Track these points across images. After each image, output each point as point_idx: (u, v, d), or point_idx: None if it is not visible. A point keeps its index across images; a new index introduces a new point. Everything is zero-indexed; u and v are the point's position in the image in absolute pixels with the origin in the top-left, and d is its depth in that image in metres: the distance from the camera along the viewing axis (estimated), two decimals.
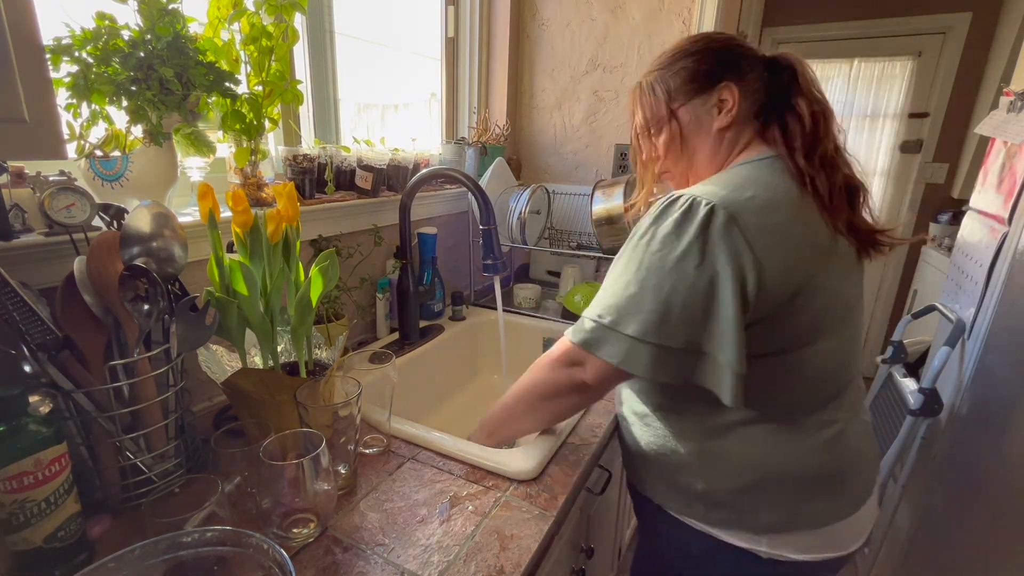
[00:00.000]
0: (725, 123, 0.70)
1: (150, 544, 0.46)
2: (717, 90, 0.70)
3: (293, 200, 0.74)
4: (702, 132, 0.72)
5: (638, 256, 0.62)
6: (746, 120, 0.70)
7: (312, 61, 1.16)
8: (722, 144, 0.72)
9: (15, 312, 0.56)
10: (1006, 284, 1.14)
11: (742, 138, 0.71)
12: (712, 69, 0.70)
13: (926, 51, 2.70)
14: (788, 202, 0.62)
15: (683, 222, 0.60)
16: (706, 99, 0.71)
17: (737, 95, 0.69)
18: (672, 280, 0.59)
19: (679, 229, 0.60)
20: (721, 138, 0.71)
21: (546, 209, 1.53)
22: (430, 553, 0.59)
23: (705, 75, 0.71)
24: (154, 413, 0.65)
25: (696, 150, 0.74)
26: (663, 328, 0.60)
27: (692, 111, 0.72)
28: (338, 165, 1.10)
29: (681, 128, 0.73)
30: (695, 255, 0.58)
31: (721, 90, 0.70)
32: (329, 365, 0.81)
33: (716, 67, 0.70)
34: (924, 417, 1.29)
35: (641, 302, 0.61)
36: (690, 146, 0.74)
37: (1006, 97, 1.30)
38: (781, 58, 0.71)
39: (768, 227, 0.59)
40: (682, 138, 0.74)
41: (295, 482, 0.58)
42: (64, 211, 0.67)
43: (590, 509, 0.97)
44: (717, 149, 0.72)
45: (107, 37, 0.70)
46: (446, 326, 1.29)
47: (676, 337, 0.60)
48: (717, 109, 0.71)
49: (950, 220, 2.53)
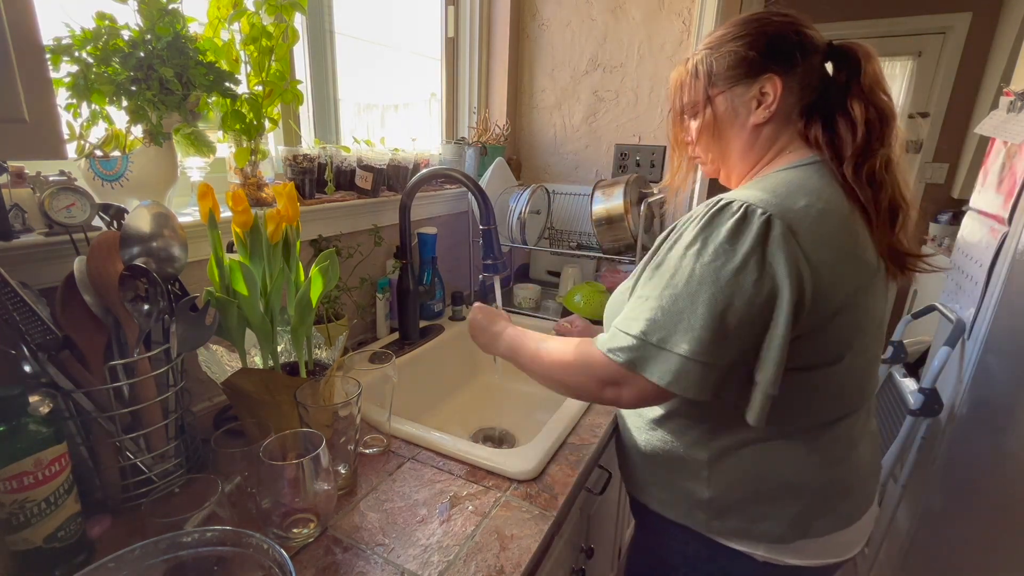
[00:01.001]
0: (762, 119, 0.65)
1: (150, 544, 0.46)
2: (760, 81, 0.64)
3: (293, 200, 0.74)
4: (737, 124, 0.67)
5: (687, 266, 0.56)
6: (788, 117, 0.65)
7: (312, 61, 1.16)
8: (757, 140, 0.67)
9: (15, 312, 0.56)
10: (1006, 284, 1.14)
11: (781, 137, 0.66)
12: (759, 57, 0.63)
13: (926, 51, 2.70)
14: (840, 214, 0.59)
15: (738, 232, 0.55)
16: (746, 89, 0.65)
17: (780, 90, 0.63)
18: (728, 294, 0.54)
19: (734, 239, 0.55)
20: (757, 134, 0.66)
21: (546, 209, 1.53)
22: (430, 553, 0.59)
23: (750, 63, 0.64)
24: (154, 413, 0.65)
25: (729, 142, 0.69)
26: (717, 346, 0.55)
27: (729, 100, 0.66)
28: (338, 165, 1.10)
29: (716, 117, 0.68)
30: (754, 268, 0.54)
31: (764, 82, 0.64)
32: (329, 365, 0.81)
33: (764, 55, 0.63)
34: (924, 417, 1.29)
35: (693, 317, 0.55)
36: (723, 137, 0.69)
37: (1006, 97, 1.30)
38: (847, 48, 0.63)
39: (823, 239, 0.56)
40: (716, 127, 0.69)
41: (295, 482, 0.58)
42: (64, 211, 0.67)
43: (590, 509, 0.97)
44: (751, 145, 0.67)
45: (107, 37, 0.70)
46: (446, 326, 1.29)
47: (728, 355, 0.56)
48: (756, 102, 0.65)
49: (950, 220, 2.53)
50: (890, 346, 1.59)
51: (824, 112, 0.64)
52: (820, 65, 0.64)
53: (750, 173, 0.69)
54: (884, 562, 1.50)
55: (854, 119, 0.61)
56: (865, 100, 0.61)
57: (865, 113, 0.61)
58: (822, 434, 0.64)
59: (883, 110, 0.61)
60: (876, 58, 0.62)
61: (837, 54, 0.64)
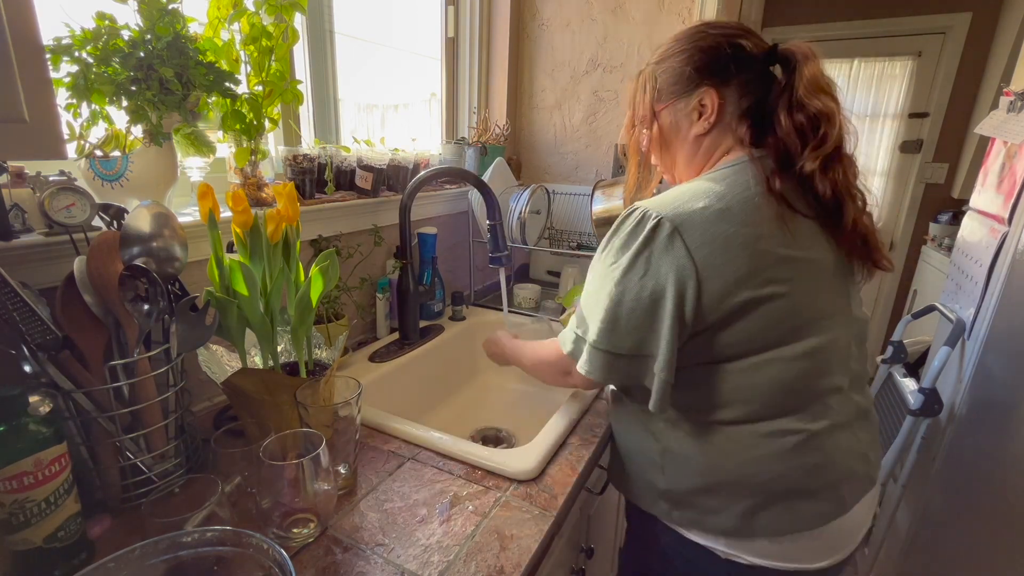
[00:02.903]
0: (702, 130, 0.69)
1: (150, 544, 0.46)
2: (697, 94, 0.68)
3: (293, 200, 0.74)
4: (680, 136, 0.72)
5: (598, 268, 0.67)
6: (729, 124, 0.68)
7: (312, 61, 1.16)
8: (699, 150, 0.71)
9: (15, 312, 0.56)
10: (1006, 284, 1.14)
11: (723, 143, 0.69)
12: (696, 71, 0.68)
13: (926, 51, 2.70)
14: (742, 211, 0.61)
15: (631, 235, 0.62)
16: (687, 103, 0.69)
17: (716, 101, 0.67)
18: (620, 291, 0.62)
19: (628, 242, 0.63)
20: (699, 143, 0.71)
21: (546, 209, 1.53)
22: (430, 553, 0.59)
23: (688, 78, 0.68)
24: (154, 413, 0.65)
25: (676, 152, 0.74)
26: (613, 335, 0.64)
27: (672, 114, 0.71)
28: (338, 165, 1.10)
29: (661, 130, 0.73)
30: (640, 267, 0.61)
31: (702, 95, 0.68)
32: (329, 365, 0.81)
33: (700, 69, 0.68)
34: (924, 417, 1.29)
35: (596, 311, 0.65)
36: (670, 148, 0.74)
37: (1006, 97, 1.30)
38: (782, 51, 0.67)
39: (715, 237, 0.59)
40: (662, 139, 0.74)
41: (295, 482, 0.58)
42: (64, 211, 0.67)
43: (590, 509, 0.97)
44: (694, 154, 0.72)
45: (107, 37, 0.70)
46: (446, 326, 1.29)
47: (623, 344, 0.64)
48: (697, 114, 0.69)
49: (950, 220, 2.53)
50: (890, 346, 1.59)
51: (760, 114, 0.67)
52: (763, 71, 0.68)
53: None
54: (884, 562, 1.50)
55: (781, 119, 0.64)
56: (793, 105, 0.63)
57: (791, 118, 0.63)
58: (761, 428, 0.64)
59: (817, 113, 0.63)
60: (814, 59, 0.64)
61: (779, 58, 0.67)
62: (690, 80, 0.68)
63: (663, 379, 0.62)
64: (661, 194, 0.66)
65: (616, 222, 0.65)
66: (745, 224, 0.61)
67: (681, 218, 0.60)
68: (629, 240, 0.62)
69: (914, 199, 2.85)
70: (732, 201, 0.62)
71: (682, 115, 0.71)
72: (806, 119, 0.63)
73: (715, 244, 0.59)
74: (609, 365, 0.65)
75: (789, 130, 0.63)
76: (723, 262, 0.59)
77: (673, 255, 0.59)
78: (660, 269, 0.60)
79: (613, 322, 0.63)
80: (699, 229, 0.60)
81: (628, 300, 0.62)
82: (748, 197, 0.62)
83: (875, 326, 3.08)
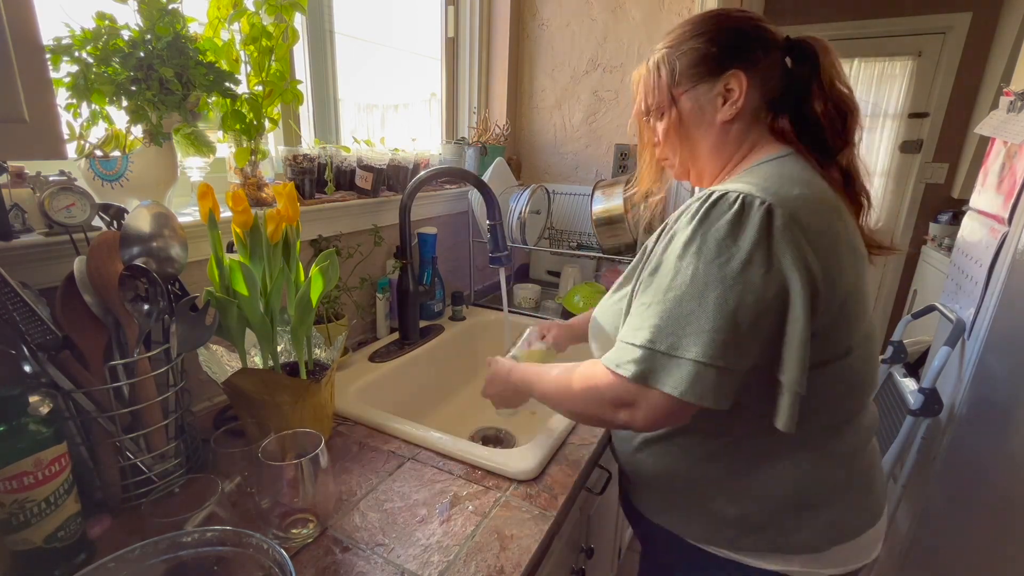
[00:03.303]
0: (729, 115, 0.63)
1: (150, 544, 0.46)
2: (724, 78, 0.63)
3: (293, 200, 0.74)
4: (704, 123, 0.66)
5: (688, 266, 0.53)
6: (755, 113, 0.64)
7: (312, 61, 1.16)
8: (727, 138, 0.65)
9: (15, 312, 0.56)
10: (1006, 284, 1.14)
11: (751, 133, 0.65)
12: (721, 53, 0.63)
13: (926, 51, 2.70)
14: (831, 202, 0.58)
15: (739, 224, 0.52)
16: (711, 87, 0.64)
17: (745, 85, 0.62)
18: (738, 292, 0.51)
19: (735, 232, 0.52)
20: (726, 131, 0.65)
21: (546, 209, 1.53)
22: (430, 553, 0.59)
23: (713, 59, 0.63)
24: (154, 413, 0.65)
25: (698, 142, 0.67)
26: (732, 348, 0.51)
27: (695, 99, 0.65)
28: (338, 165, 1.10)
29: (682, 116, 0.66)
30: (761, 261, 0.51)
31: (728, 78, 0.62)
32: (329, 365, 0.81)
33: (726, 51, 0.63)
34: (924, 417, 1.29)
35: (702, 319, 0.51)
36: (691, 137, 0.67)
37: (1006, 97, 1.30)
38: (804, 43, 0.63)
39: (822, 227, 0.54)
40: (682, 127, 0.67)
41: (294, 482, 0.58)
42: (64, 211, 0.67)
43: (590, 509, 0.97)
44: (722, 143, 0.66)
45: (107, 37, 0.70)
46: (446, 326, 1.29)
47: (745, 357, 0.52)
48: (722, 99, 0.63)
49: (950, 220, 2.53)
50: (890, 346, 1.59)
51: (790, 106, 0.63)
52: (781, 60, 0.64)
53: (722, 172, 0.68)
54: (884, 562, 1.50)
55: (815, 109, 0.61)
56: (827, 91, 0.61)
57: (825, 104, 0.61)
58: (838, 432, 0.62)
59: (843, 103, 0.61)
60: (833, 51, 0.62)
61: (795, 49, 0.63)
62: (715, 61, 0.63)
63: (795, 391, 0.53)
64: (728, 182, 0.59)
65: (697, 207, 0.55)
66: (836, 214, 0.57)
67: (789, 204, 0.52)
68: (735, 229, 0.52)
69: (914, 199, 2.85)
70: (818, 191, 0.57)
71: (706, 100, 0.64)
72: (835, 108, 0.61)
73: (824, 233, 0.54)
74: (721, 385, 0.52)
75: (824, 122, 0.61)
76: (834, 253, 0.54)
77: (796, 245, 0.51)
78: (785, 262, 0.51)
79: (733, 331, 0.51)
80: (808, 217, 0.53)
81: (751, 302, 0.51)
82: (823, 187, 0.59)
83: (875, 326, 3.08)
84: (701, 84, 0.64)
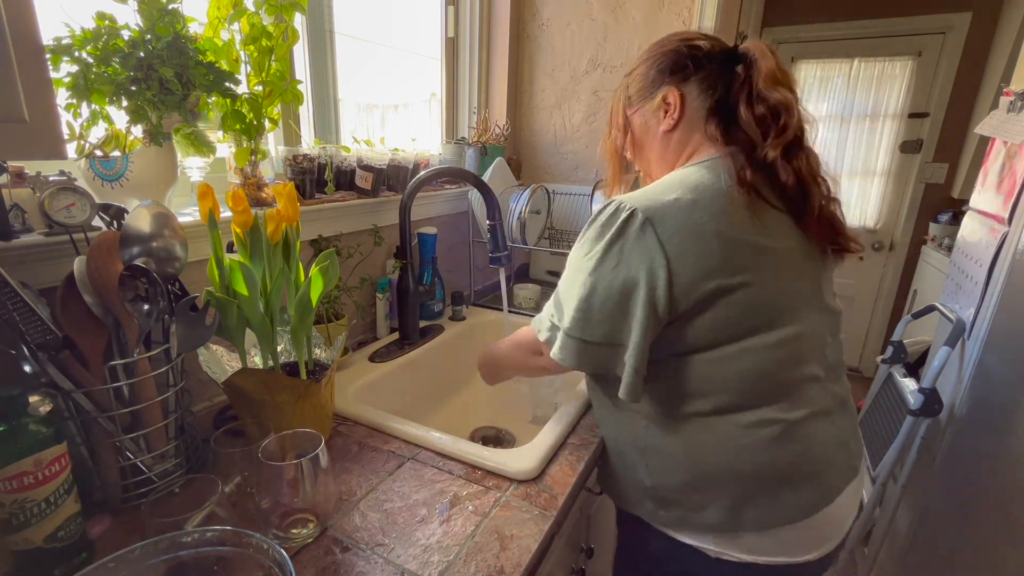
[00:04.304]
0: (668, 126, 0.73)
1: (150, 544, 0.46)
2: (660, 94, 0.73)
3: (293, 200, 0.74)
4: (650, 136, 0.76)
5: (573, 258, 0.69)
6: (696, 121, 0.72)
7: (312, 61, 1.16)
8: (669, 146, 0.74)
9: (15, 312, 0.56)
10: (1006, 284, 1.14)
11: (691, 139, 0.72)
12: (657, 73, 0.73)
13: (926, 51, 2.70)
14: (714, 202, 0.63)
15: (605, 226, 0.64)
16: (652, 103, 0.74)
17: (677, 98, 0.71)
18: (593, 280, 0.64)
19: (601, 232, 0.64)
20: (668, 140, 0.74)
21: (546, 209, 1.53)
22: (430, 553, 0.59)
23: (652, 80, 0.74)
24: (154, 413, 0.65)
25: (649, 152, 0.78)
26: (585, 324, 0.65)
27: (642, 116, 0.76)
28: (338, 165, 1.10)
29: (634, 133, 0.79)
30: (613, 256, 0.63)
31: (664, 93, 0.72)
32: (329, 365, 0.81)
33: (662, 71, 0.73)
34: (924, 417, 1.29)
35: (570, 300, 0.66)
36: (644, 148, 0.78)
37: (1006, 97, 1.30)
38: (740, 50, 0.70)
39: (686, 227, 0.61)
40: (635, 142, 0.79)
41: (294, 482, 0.58)
42: (64, 211, 0.67)
43: (590, 509, 0.97)
44: (665, 151, 0.75)
45: (107, 37, 0.70)
46: (446, 326, 1.29)
47: (595, 333, 0.65)
48: (662, 112, 0.73)
49: (950, 220, 2.53)
50: (890, 346, 1.59)
51: (727, 112, 0.70)
52: (721, 70, 0.70)
53: None
54: (884, 562, 1.50)
55: (742, 112, 0.67)
56: (753, 98, 0.67)
57: (751, 110, 0.67)
58: (740, 418, 0.65)
59: (775, 104, 0.66)
60: (770, 55, 0.68)
61: (738, 57, 0.70)
62: (654, 82, 0.74)
63: (633, 367, 0.63)
64: (639, 189, 0.68)
65: (592, 214, 0.67)
66: (716, 214, 0.62)
67: (653, 209, 0.62)
68: (603, 231, 0.64)
69: (914, 199, 2.85)
70: (704, 192, 0.64)
71: (650, 115, 0.75)
72: (766, 110, 0.66)
73: (686, 234, 0.61)
74: (580, 352, 0.67)
75: (750, 121, 0.66)
76: (694, 252, 0.61)
77: (645, 245, 0.61)
78: (632, 259, 0.62)
79: (586, 311, 0.65)
80: (671, 220, 0.61)
81: (601, 290, 0.63)
82: (720, 188, 0.64)
83: (875, 326, 3.08)
84: (646, 103, 0.75)
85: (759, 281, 0.63)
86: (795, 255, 0.68)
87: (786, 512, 0.66)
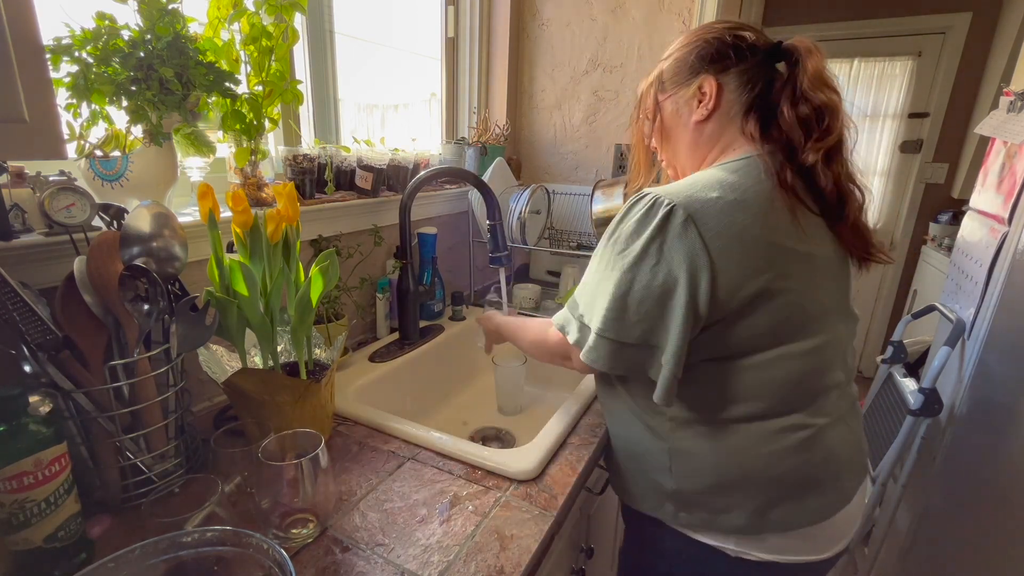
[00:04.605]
0: (701, 116, 0.69)
1: (150, 544, 0.46)
2: (697, 81, 0.69)
3: (293, 200, 0.74)
4: (680, 124, 0.73)
5: (604, 253, 0.65)
6: (731, 114, 0.68)
7: (312, 61, 1.16)
8: (701, 137, 0.71)
9: (15, 312, 0.56)
10: (1006, 284, 1.14)
11: (725, 133, 0.69)
12: (697, 60, 0.69)
13: (926, 51, 2.70)
14: (756, 204, 0.61)
15: (643, 221, 0.61)
16: (687, 90, 0.70)
17: (715, 88, 0.67)
18: (629, 279, 0.61)
19: (639, 228, 0.61)
20: (700, 131, 0.70)
21: (546, 209, 1.53)
22: (430, 553, 0.59)
23: (689, 66, 0.70)
24: (154, 413, 0.65)
25: (678, 141, 0.74)
26: (620, 325, 0.62)
27: (674, 102, 0.72)
28: (338, 165, 1.10)
29: (663, 119, 0.74)
30: (653, 254, 0.60)
31: (700, 81, 0.69)
32: (329, 365, 0.81)
33: (700, 58, 0.69)
34: (924, 417, 1.29)
35: (602, 299, 0.63)
36: (672, 137, 0.75)
37: (1006, 97, 1.30)
38: (785, 46, 0.67)
39: (728, 228, 0.58)
40: (664, 129, 0.75)
41: (294, 482, 0.58)
42: (64, 211, 0.67)
43: (590, 509, 0.97)
44: (696, 142, 0.71)
45: (107, 37, 0.70)
46: (446, 326, 1.28)
47: (631, 334, 0.62)
48: (697, 101, 0.69)
49: (950, 220, 2.53)
50: (890, 346, 1.59)
51: (766, 109, 0.66)
52: (763, 64, 0.67)
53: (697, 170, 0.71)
54: (884, 562, 1.50)
55: (785, 111, 0.64)
56: (797, 97, 0.64)
57: (795, 106, 0.63)
58: (772, 424, 0.64)
59: (820, 105, 0.63)
60: (817, 53, 0.64)
61: (783, 53, 0.67)
62: (691, 68, 0.69)
63: (671, 371, 0.60)
64: (672, 183, 0.65)
65: (624, 207, 0.63)
66: (759, 216, 0.60)
67: (695, 206, 0.58)
68: (640, 226, 0.61)
69: (914, 199, 2.85)
70: (746, 193, 0.61)
71: (683, 102, 0.71)
72: (811, 111, 0.63)
73: (730, 235, 0.58)
74: (614, 354, 0.64)
75: (793, 123, 0.63)
76: (739, 254, 0.58)
77: (688, 244, 0.58)
78: (673, 258, 0.58)
79: (621, 311, 0.61)
80: (714, 218, 0.58)
81: (638, 288, 0.60)
82: (761, 190, 0.62)
83: (875, 326, 3.08)
84: (680, 89, 0.71)
85: (799, 288, 0.62)
86: (831, 262, 0.66)
87: (810, 514, 0.66)
